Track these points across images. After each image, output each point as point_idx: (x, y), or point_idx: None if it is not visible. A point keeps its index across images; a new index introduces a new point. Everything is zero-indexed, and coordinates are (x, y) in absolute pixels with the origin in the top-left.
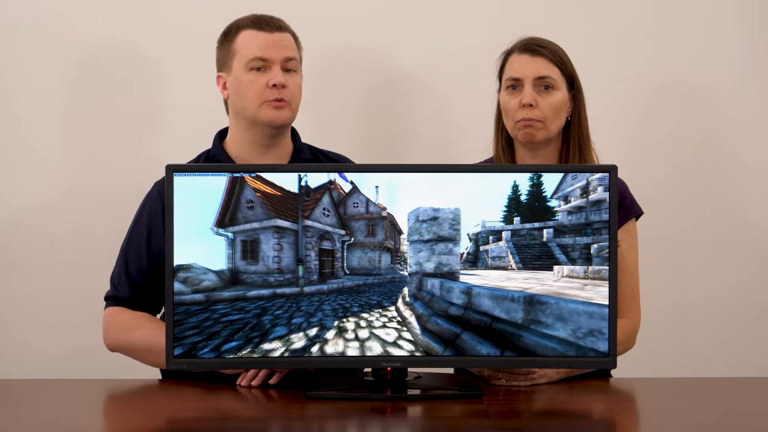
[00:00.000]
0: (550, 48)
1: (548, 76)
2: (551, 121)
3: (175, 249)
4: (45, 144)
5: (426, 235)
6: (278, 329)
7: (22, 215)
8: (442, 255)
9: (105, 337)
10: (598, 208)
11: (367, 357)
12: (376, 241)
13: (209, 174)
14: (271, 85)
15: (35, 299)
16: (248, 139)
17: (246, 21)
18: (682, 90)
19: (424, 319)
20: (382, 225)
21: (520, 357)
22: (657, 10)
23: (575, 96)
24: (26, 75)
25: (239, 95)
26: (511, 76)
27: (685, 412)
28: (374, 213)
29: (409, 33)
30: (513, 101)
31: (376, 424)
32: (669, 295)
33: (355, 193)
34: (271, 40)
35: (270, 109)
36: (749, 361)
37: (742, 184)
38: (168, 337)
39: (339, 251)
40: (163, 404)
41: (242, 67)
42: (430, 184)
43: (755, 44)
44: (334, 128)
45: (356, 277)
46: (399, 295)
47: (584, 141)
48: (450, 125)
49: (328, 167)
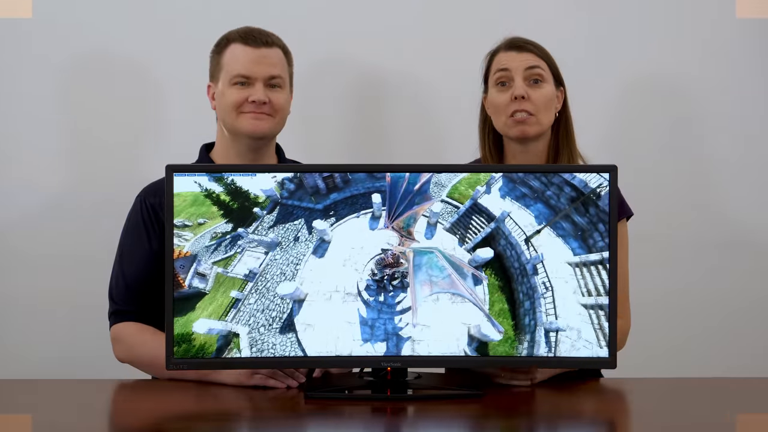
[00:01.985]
0: (535, 44)
1: (538, 67)
2: (542, 114)
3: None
4: (45, 144)
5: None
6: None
7: (22, 215)
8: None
9: (114, 351)
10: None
11: (367, 357)
12: None
13: (209, 174)
14: (250, 101)
15: (35, 299)
16: (233, 151)
17: (235, 34)
18: (668, 89)
19: None
20: None
21: (520, 357)
22: (641, 10)
23: (563, 93)
24: (26, 76)
25: (220, 107)
26: (500, 68)
27: (683, 413)
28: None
29: (394, 37)
30: (503, 96)
31: (376, 424)
32: (656, 294)
33: None
34: (256, 57)
35: (249, 119)
36: (744, 360)
37: (728, 184)
38: (168, 337)
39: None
40: (162, 404)
41: (227, 82)
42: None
43: (743, 44)
44: (318, 134)
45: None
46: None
47: (571, 138)
48: (435, 129)
49: (325, 167)
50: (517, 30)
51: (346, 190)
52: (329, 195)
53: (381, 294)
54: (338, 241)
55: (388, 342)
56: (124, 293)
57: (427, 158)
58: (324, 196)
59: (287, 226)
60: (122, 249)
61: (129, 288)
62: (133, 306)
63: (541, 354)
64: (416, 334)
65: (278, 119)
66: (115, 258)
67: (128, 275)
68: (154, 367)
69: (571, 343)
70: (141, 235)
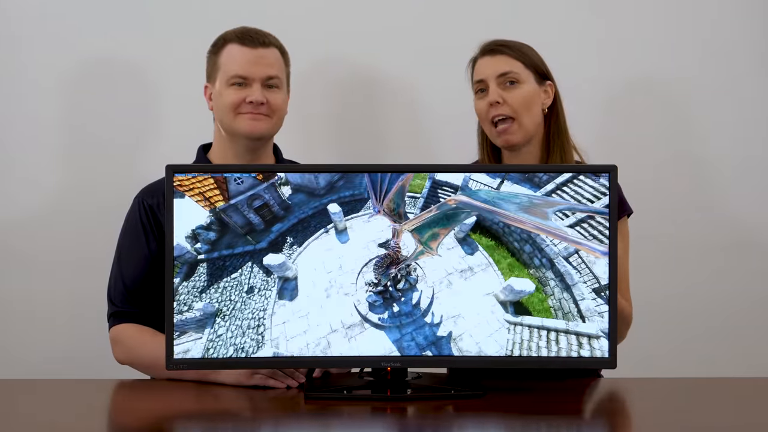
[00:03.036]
0: (510, 45)
1: (509, 71)
2: (522, 115)
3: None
4: (45, 144)
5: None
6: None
7: (22, 215)
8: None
9: (113, 353)
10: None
11: (367, 357)
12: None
13: (208, 174)
14: (248, 102)
15: (35, 299)
16: (231, 152)
17: (232, 35)
18: (670, 89)
19: None
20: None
21: (519, 357)
22: (640, 9)
23: (553, 88)
24: (26, 77)
25: (218, 108)
26: (476, 80)
27: (683, 413)
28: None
29: (392, 36)
30: (482, 103)
31: (376, 424)
32: (657, 295)
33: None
34: (253, 57)
35: (246, 120)
36: (745, 360)
37: (730, 184)
38: (168, 337)
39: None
40: (162, 404)
41: (224, 82)
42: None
43: (742, 44)
44: (316, 134)
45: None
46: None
47: (562, 133)
48: (432, 130)
49: (324, 167)
50: (514, 31)
51: (290, 217)
52: (270, 228)
53: (391, 306)
54: (306, 271)
55: (430, 351)
56: (123, 295)
57: (426, 159)
58: (264, 232)
59: (224, 283)
60: (120, 250)
61: (128, 289)
62: (132, 307)
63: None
64: (454, 329)
65: (276, 119)
66: (114, 260)
67: (127, 277)
68: (154, 368)
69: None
70: (139, 236)
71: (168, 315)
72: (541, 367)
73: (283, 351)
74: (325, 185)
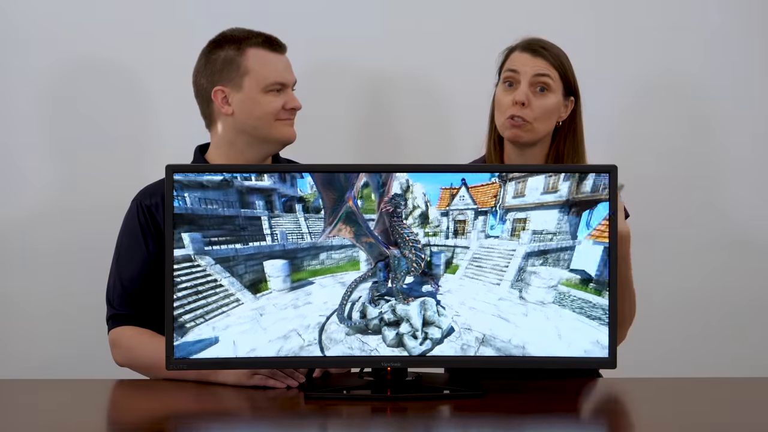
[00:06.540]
0: (552, 51)
1: (546, 75)
2: (540, 122)
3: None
4: (45, 144)
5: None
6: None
7: (22, 215)
8: None
9: (112, 356)
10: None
11: (367, 357)
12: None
13: (208, 174)
14: (288, 108)
15: (35, 299)
16: (244, 156)
17: (254, 39)
18: (671, 88)
19: None
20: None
21: (520, 357)
22: (647, 8)
23: (573, 103)
24: (25, 77)
25: (251, 115)
26: (509, 68)
27: (683, 413)
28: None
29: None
30: (507, 98)
31: (376, 424)
32: (657, 294)
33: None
34: (283, 64)
35: (286, 126)
36: (745, 360)
37: (732, 183)
38: (168, 337)
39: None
40: (162, 404)
41: (259, 89)
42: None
43: (745, 42)
44: (322, 136)
45: None
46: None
47: (579, 150)
48: (446, 126)
49: (328, 167)
50: (514, 31)
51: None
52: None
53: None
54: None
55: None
56: (122, 297)
57: (427, 159)
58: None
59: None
60: (119, 252)
61: (126, 291)
62: (131, 310)
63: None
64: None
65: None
66: (112, 262)
67: (125, 279)
68: (153, 369)
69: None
70: (138, 237)
71: (168, 315)
72: (541, 367)
73: (283, 351)
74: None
